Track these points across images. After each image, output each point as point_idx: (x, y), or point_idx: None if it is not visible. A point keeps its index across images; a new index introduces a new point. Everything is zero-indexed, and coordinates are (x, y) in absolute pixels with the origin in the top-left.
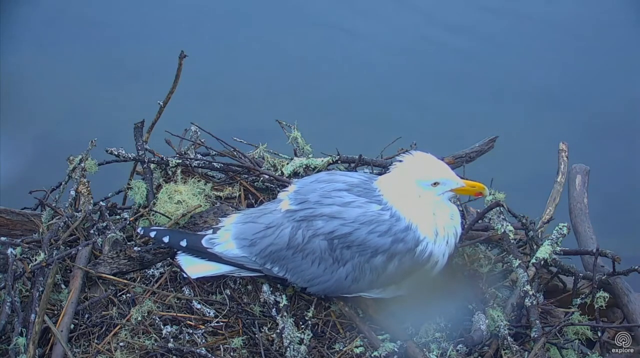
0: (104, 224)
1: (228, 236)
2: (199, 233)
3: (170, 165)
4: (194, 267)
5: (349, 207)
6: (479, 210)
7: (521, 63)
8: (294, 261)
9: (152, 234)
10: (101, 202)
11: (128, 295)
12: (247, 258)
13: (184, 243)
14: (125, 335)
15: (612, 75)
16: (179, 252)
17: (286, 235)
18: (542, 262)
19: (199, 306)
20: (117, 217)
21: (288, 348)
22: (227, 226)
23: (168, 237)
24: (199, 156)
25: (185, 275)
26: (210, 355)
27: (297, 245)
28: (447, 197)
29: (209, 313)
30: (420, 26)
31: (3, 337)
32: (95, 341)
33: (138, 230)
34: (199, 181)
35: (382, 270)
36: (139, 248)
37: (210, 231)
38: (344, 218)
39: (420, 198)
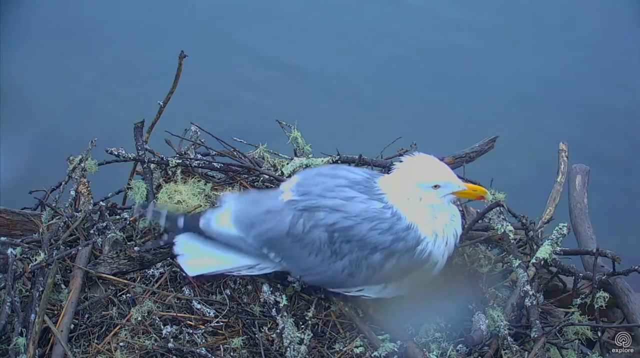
0: (104, 224)
1: (227, 216)
2: (196, 212)
3: (170, 165)
4: (192, 261)
5: (351, 201)
6: (479, 210)
7: (521, 63)
8: (292, 249)
9: (150, 215)
10: (101, 202)
11: (128, 295)
12: (244, 240)
13: (180, 223)
14: (125, 335)
15: (612, 75)
16: (176, 240)
17: (286, 223)
18: (542, 262)
19: (199, 306)
20: (117, 217)
21: (288, 348)
22: (227, 207)
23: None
24: (199, 156)
25: (184, 274)
26: (210, 355)
27: (297, 235)
28: (449, 199)
29: (209, 313)
30: (420, 25)
31: (3, 337)
32: (95, 341)
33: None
34: (199, 181)
35: (379, 267)
36: (139, 248)
37: (209, 211)
38: (347, 211)
39: (422, 200)
